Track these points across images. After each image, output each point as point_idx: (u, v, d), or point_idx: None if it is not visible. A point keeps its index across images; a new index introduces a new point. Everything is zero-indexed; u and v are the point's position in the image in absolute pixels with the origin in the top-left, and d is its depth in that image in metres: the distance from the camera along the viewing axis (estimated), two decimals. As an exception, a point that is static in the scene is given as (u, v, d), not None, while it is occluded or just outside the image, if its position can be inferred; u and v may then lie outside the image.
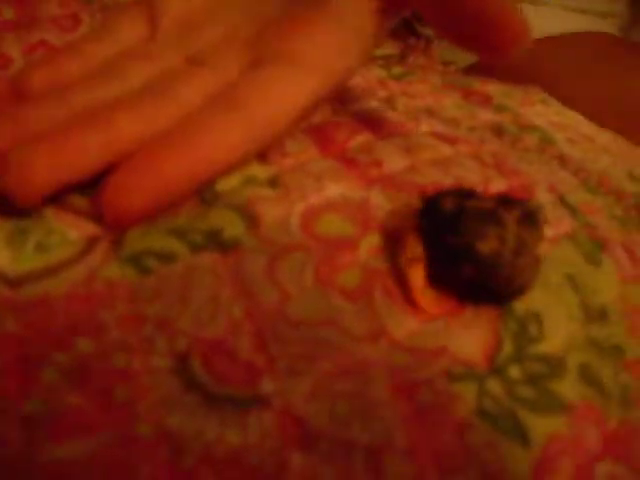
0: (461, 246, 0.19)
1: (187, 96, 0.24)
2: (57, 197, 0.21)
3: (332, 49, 0.26)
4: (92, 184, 0.21)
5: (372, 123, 0.28)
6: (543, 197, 0.26)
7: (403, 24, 0.44)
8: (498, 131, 0.32)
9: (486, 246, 0.19)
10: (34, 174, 0.20)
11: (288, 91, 0.24)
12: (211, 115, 0.23)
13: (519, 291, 0.20)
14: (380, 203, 0.23)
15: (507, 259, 0.19)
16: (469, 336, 0.20)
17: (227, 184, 0.23)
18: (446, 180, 0.25)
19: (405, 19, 0.44)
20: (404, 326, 0.20)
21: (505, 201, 0.20)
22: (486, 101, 0.36)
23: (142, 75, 0.25)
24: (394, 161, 0.25)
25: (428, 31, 0.44)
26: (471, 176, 0.25)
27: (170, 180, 0.21)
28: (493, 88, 0.37)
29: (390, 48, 0.43)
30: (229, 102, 0.23)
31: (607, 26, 0.56)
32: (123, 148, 0.22)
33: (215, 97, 0.24)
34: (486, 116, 0.34)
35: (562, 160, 0.32)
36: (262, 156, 0.25)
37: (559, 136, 0.34)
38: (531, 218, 0.20)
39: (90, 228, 0.21)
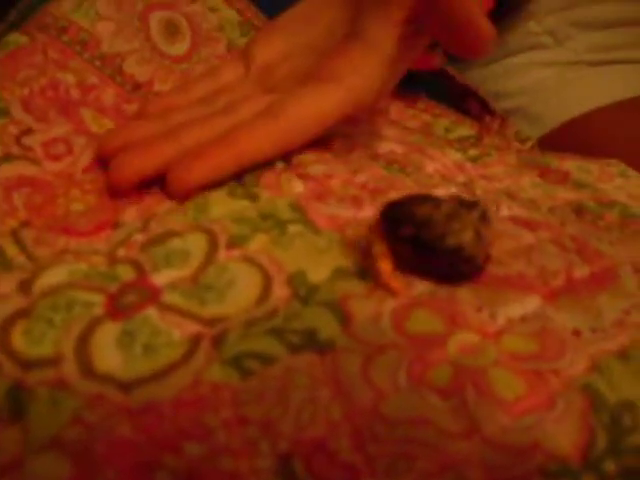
0: (432, 241, 0.24)
1: (247, 111, 0.32)
2: (159, 300, 0.23)
3: (364, 71, 0.32)
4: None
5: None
6: (627, 279, 0.26)
7: (478, 103, 0.46)
8: (578, 210, 0.33)
9: (452, 239, 0.24)
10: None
11: (315, 102, 0.31)
12: (254, 120, 0.31)
13: (476, 269, 0.25)
14: (466, 298, 0.24)
15: (469, 249, 0.24)
16: (562, 430, 0.20)
17: (319, 276, 0.25)
18: (529, 271, 0.25)
19: (479, 97, 0.46)
20: (496, 422, 0.20)
21: (463, 202, 0.25)
22: (564, 179, 0.36)
23: (224, 101, 0.34)
24: (477, 252, 0.26)
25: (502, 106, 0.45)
26: (554, 264, 0.26)
27: (215, 165, 0.29)
28: (570, 164, 0.38)
29: (467, 129, 0.44)
30: (269, 111, 0.31)
31: None
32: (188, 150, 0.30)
33: (263, 109, 0.32)
34: (565, 194, 0.34)
35: (646, 234, 0.32)
36: (351, 244, 0.26)
37: (640, 209, 0.34)
38: (485, 216, 0.25)
39: (192, 327, 0.23)
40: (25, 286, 0.24)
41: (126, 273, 0.25)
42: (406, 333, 0.22)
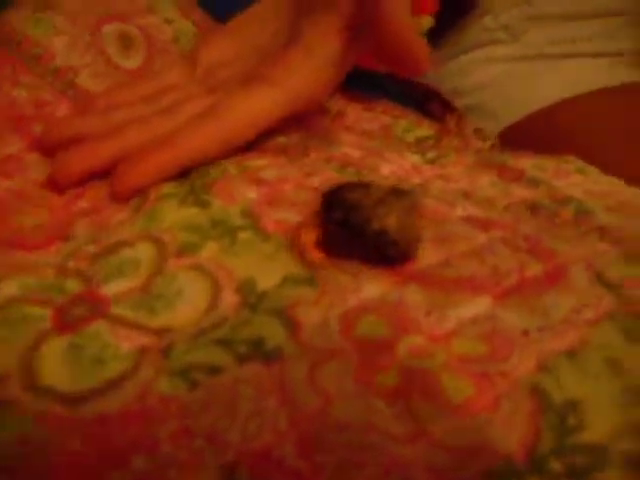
0: (359, 224, 0.25)
1: (189, 111, 0.33)
2: (108, 312, 0.23)
3: (301, 74, 0.34)
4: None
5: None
6: (579, 277, 0.26)
7: (440, 103, 0.46)
8: (533, 207, 0.33)
9: (376, 223, 0.25)
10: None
11: (252, 104, 0.33)
12: (194, 121, 0.32)
13: (405, 255, 0.26)
14: (416, 301, 0.24)
15: (393, 234, 0.25)
16: (508, 431, 0.20)
17: (268, 282, 0.25)
18: (482, 271, 0.25)
19: (441, 98, 0.46)
20: (442, 425, 0.20)
21: (396, 191, 0.27)
22: (520, 177, 0.36)
23: (168, 101, 0.35)
24: (429, 255, 0.26)
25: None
26: (506, 264, 0.26)
27: (157, 166, 0.30)
28: (526, 162, 0.38)
29: (426, 129, 0.44)
30: (210, 112, 0.32)
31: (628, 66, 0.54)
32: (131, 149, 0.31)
33: (204, 110, 0.33)
34: (521, 192, 0.34)
35: (601, 231, 0.32)
36: (301, 253, 0.26)
37: (597, 205, 0.34)
38: (414, 205, 0.27)
39: (140, 339, 0.23)
40: None
41: (75, 285, 0.25)
42: (354, 338, 0.22)
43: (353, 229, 0.26)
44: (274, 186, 0.30)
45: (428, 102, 0.47)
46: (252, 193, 0.29)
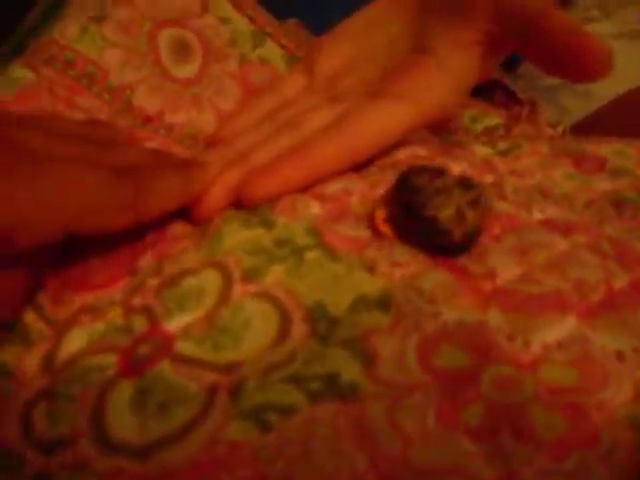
0: (415, 208, 0.26)
1: (313, 125, 0.32)
2: (172, 350, 0.22)
3: (432, 90, 0.32)
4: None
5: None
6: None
7: (505, 93, 0.44)
8: (617, 203, 0.31)
9: (430, 211, 0.25)
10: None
11: (384, 119, 0.31)
12: (322, 135, 0.31)
13: (458, 247, 0.25)
14: (497, 325, 0.22)
15: (444, 223, 0.25)
16: (607, 471, 0.18)
17: (339, 307, 0.23)
18: (565, 285, 0.24)
19: (506, 88, 0.44)
20: (535, 466, 0.18)
21: (464, 183, 0.26)
22: (600, 166, 0.34)
23: (290, 115, 0.34)
24: (508, 269, 0.24)
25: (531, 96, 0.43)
26: (592, 275, 0.24)
27: (286, 176, 0.29)
28: (606, 149, 0.35)
29: (495, 118, 0.42)
30: (336, 126, 0.31)
31: None
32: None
33: (332, 122, 0.32)
34: (602, 185, 0.32)
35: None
36: (371, 267, 0.25)
37: (685, 194, 0.31)
38: (478, 200, 0.26)
39: (208, 376, 0.22)
40: (47, 361, 0.23)
41: (140, 323, 0.24)
42: (433, 370, 0.21)
43: (412, 213, 0.26)
44: (339, 200, 0.28)
45: (493, 93, 0.45)
46: (316, 209, 0.28)
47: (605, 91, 0.53)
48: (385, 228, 0.27)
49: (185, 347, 0.23)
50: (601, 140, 0.37)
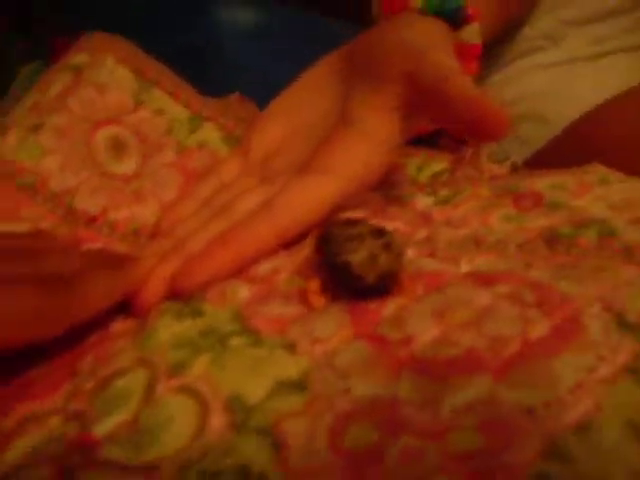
0: (329, 256, 0.28)
1: (245, 207, 0.33)
2: (98, 457, 0.23)
3: (355, 160, 0.33)
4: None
5: (406, 283, 0.28)
6: (594, 325, 0.24)
7: (447, 135, 0.44)
8: (550, 239, 0.31)
9: (342, 257, 0.27)
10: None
11: (310, 195, 0.32)
12: (252, 219, 0.32)
13: (376, 289, 0.27)
14: (409, 396, 0.22)
15: (357, 268, 0.27)
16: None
17: (256, 395, 0.24)
18: (480, 343, 0.24)
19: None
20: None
21: (376, 230, 0.28)
22: (537, 202, 0.34)
23: (224, 199, 0.35)
24: (425, 332, 0.25)
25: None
26: (508, 329, 0.24)
27: (218, 263, 0.30)
28: (543, 183, 0.35)
29: (440, 163, 0.42)
30: (264, 207, 0.32)
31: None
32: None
33: (261, 205, 0.32)
34: (537, 223, 0.32)
35: (626, 252, 0.29)
36: (292, 346, 0.25)
37: (621, 221, 0.31)
38: (390, 244, 0.28)
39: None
40: None
41: (73, 429, 0.24)
42: (342, 450, 0.21)
43: (328, 262, 0.28)
44: (267, 281, 0.29)
45: (438, 137, 0.46)
46: (244, 292, 0.28)
47: (563, 117, 0.53)
48: (315, 299, 0.28)
49: (109, 452, 0.23)
50: (540, 174, 0.37)
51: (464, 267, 0.29)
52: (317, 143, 0.36)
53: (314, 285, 0.28)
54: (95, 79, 0.40)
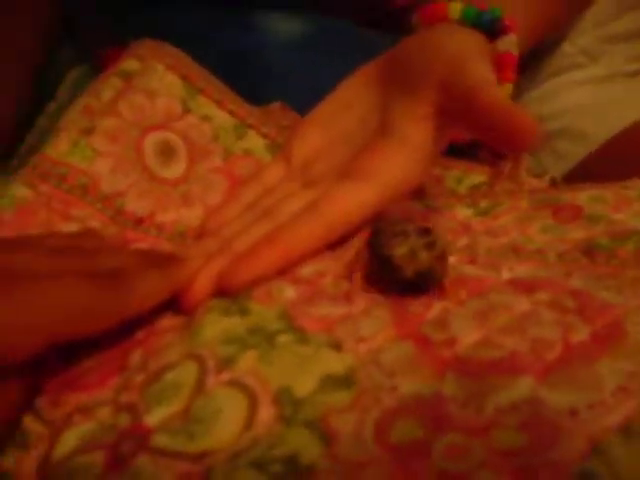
0: (374, 247, 0.30)
1: (288, 210, 0.35)
2: (149, 444, 0.24)
3: (397, 166, 0.34)
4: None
5: (449, 288, 0.29)
6: (636, 332, 0.24)
7: (489, 148, 0.45)
8: (589, 251, 0.31)
9: (386, 250, 0.29)
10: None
11: (351, 199, 0.34)
12: (298, 219, 0.33)
13: (416, 286, 0.29)
14: (452, 393, 0.23)
15: (398, 260, 0.29)
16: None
17: (304, 389, 0.24)
18: (521, 346, 0.24)
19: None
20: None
21: (422, 230, 0.30)
22: (576, 215, 0.34)
23: (269, 203, 0.37)
24: (468, 335, 0.25)
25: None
26: (549, 333, 0.25)
27: (264, 262, 0.31)
28: (583, 197, 0.36)
29: (479, 176, 0.43)
30: (308, 210, 0.33)
31: None
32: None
33: (306, 207, 0.34)
34: (576, 234, 0.33)
35: (665, 263, 0.30)
36: (338, 344, 0.26)
37: (661, 234, 0.32)
38: (432, 244, 0.29)
39: (181, 466, 0.22)
40: (43, 463, 0.24)
41: (124, 420, 0.25)
42: (388, 445, 0.22)
43: (373, 253, 0.30)
44: (313, 282, 0.30)
45: (477, 150, 0.47)
46: (290, 293, 0.29)
47: (600, 133, 0.53)
48: (359, 283, 0.30)
49: (161, 440, 0.24)
50: (580, 187, 0.37)
51: (505, 274, 0.29)
52: (355, 150, 0.37)
53: (358, 275, 0.31)
54: (145, 85, 0.41)
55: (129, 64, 0.42)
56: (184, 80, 0.42)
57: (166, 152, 0.40)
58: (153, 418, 0.25)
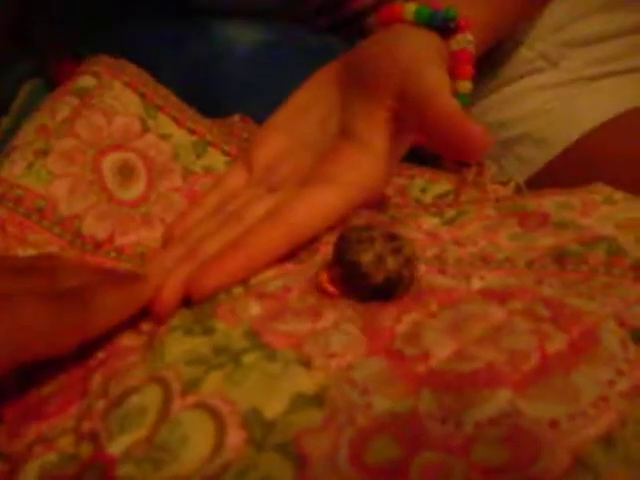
0: (339, 254, 0.29)
1: (254, 214, 0.34)
2: (114, 474, 0.22)
3: (359, 169, 0.35)
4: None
5: (419, 299, 0.28)
6: (610, 339, 0.24)
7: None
8: (559, 258, 0.31)
9: (351, 256, 0.29)
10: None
11: (315, 204, 0.33)
12: (261, 225, 0.33)
13: (383, 292, 0.28)
14: (429, 410, 0.22)
15: (365, 267, 0.28)
16: None
17: (274, 409, 0.23)
18: (498, 358, 0.23)
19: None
20: None
21: (388, 235, 0.29)
22: (544, 222, 0.34)
23: (233, 207, 0.36)
24: (442, 348, 0.24)
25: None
26: (525, 343, 0.24)
27: (230, 269, 0.31)
28: (549, 203, 0.36)
29: (443, 185, 0.43)
30: (274, 215, 0.33)
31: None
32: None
33: (269, 212, 0.34)
34: (545, 242, 0.32)
35: (636, 270, 0.29)
36: (307, 360, 0.25)
37: (629, 239, 0.31)
38: (399, 249, 0.29)
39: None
40: None
41: (86, 450, 0.24)
42: (364, 466, 0.21)
43: (339, 260, 0.29)
44: (278, 297, 0.29)
45: (441, 158, 0.46)
46: (255, 309, 0.28)
47: (562, 138, 0.54)
48: (328, 286, 0.29)
49: (126, 470, 0.22)
50: (545, 193, 0.37)
51: (475, 284, 0.29)
52: (317, 153, 0.37)
53: (326, 275, 0.30)
54: (102, 104, 0.40)
55: (85, 81, 0.41)
56: (142, 98, 0.41)
57: (125, 172, 0.39)
58: (116, 447, 0.23)
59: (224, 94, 0.51)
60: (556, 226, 0.33)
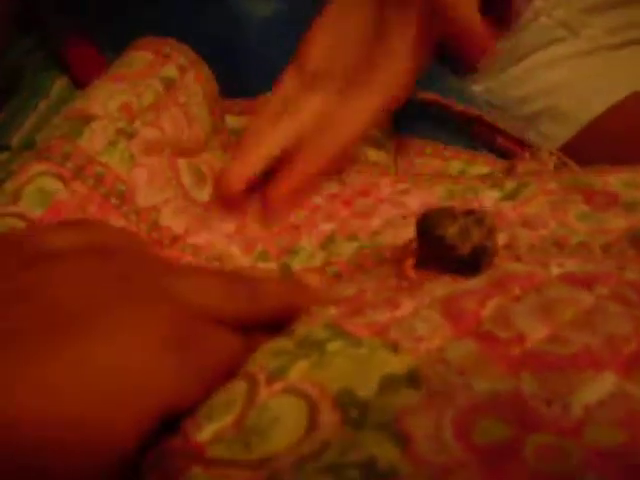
0: (425, 230, 0.30)
1: (305, 116, 0.42)
2: (204, 455, 0.22)
3: (392, 78, 0.41)
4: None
5: (500, 283, 0.27)
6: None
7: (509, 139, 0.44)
8: (635, 241, 0.30)
9: (438, 230, 0.29)
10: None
11: (362, 115, 0.41)
12: (315, 134, 0.41)
13: (470, 264, 0.29)
14: (532, 391, 0.21)
15: (451, 239, 0.29)
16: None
17: (367, 390, 0.23)
18: (596, 341, 0.23)
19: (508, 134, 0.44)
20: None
21: (468, 211, 0.30)
22: (613, 201, 0.33)
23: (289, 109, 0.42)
24: (535, 330, 0.24)
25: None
26: (621, 327, 0.23)
27: (298, 177, 0.40)
28: (615, 182, 0.35)
29: (481, 167, 0.42)
30: (324, 127, 0.41)
31: None
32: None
33: (321, 115, 0.41)
34: (618, 223, 0.31)
35: None
36: (395, 345, 0.24)
37: None
38: (481, 221, 0.29)
39: (241, 475, 0.21)
40: None
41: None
42: (473, 447, 0.20)
43: (425, 238, 0.30)
44: (354, 301, 0.28)
45: (496, 141, 0.45)
46: (333, 310, 0.27)
47: (584, 114, 0.52)
48: (411, 271, 0.30)
49: (216, 450, 0.22)
50: (608, 170, 0.36)
51: (554, 270, 0.28)
52: (360, 51, 0.42)
53: (411, 261, 0.31)
54: (187, 108, 0.41)
55: (170, 70, 0.41)
56: (211, 116, 0.43)
57: (198, 174, 0.38)
58: (205, 434, 0.23)
59: (244, 67, 0.52)
60: (626, 207, 0.33)
